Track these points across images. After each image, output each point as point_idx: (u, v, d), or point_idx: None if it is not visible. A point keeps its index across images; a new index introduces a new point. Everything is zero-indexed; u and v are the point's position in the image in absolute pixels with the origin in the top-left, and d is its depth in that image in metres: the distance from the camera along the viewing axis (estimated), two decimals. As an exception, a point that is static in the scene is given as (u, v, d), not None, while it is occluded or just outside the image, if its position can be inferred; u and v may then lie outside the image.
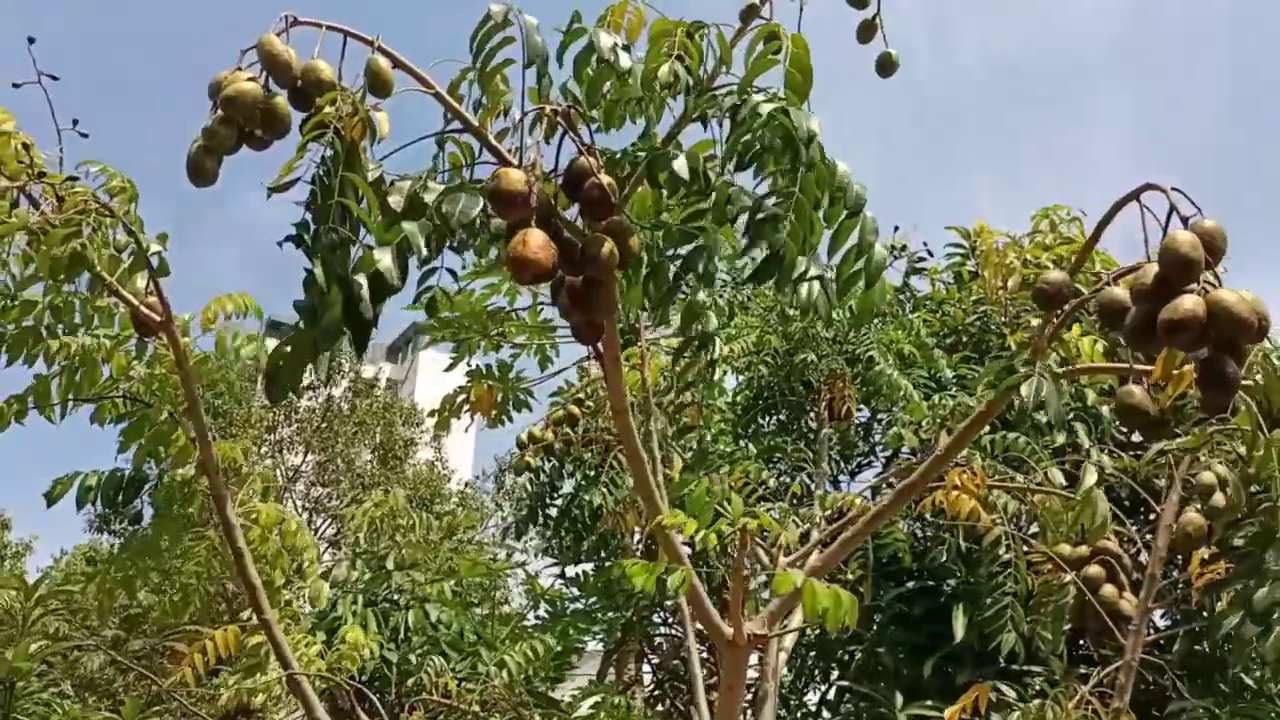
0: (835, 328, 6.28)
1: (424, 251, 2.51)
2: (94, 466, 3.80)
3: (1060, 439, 6.81)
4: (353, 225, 2.48)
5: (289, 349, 2.57)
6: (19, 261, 3.30)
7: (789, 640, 5.43)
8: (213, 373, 3.90)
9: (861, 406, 7.28)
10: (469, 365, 5.05)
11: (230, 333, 3.59)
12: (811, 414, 6.79)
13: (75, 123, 3.32)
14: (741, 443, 6.10)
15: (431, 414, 5.40)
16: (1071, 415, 7.12)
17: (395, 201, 2.59)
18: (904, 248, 7.17)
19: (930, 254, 7.32)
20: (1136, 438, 7.54)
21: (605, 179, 2.38)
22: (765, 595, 4.94)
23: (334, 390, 21.60)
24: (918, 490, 3.25)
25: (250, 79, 2.42)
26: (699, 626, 4.53)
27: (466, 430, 5.59)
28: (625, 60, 2.55)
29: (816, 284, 2.75)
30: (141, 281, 3.33)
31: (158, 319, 3.31)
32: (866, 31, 2.87)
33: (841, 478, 7.90)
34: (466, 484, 24.10)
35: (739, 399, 6.46)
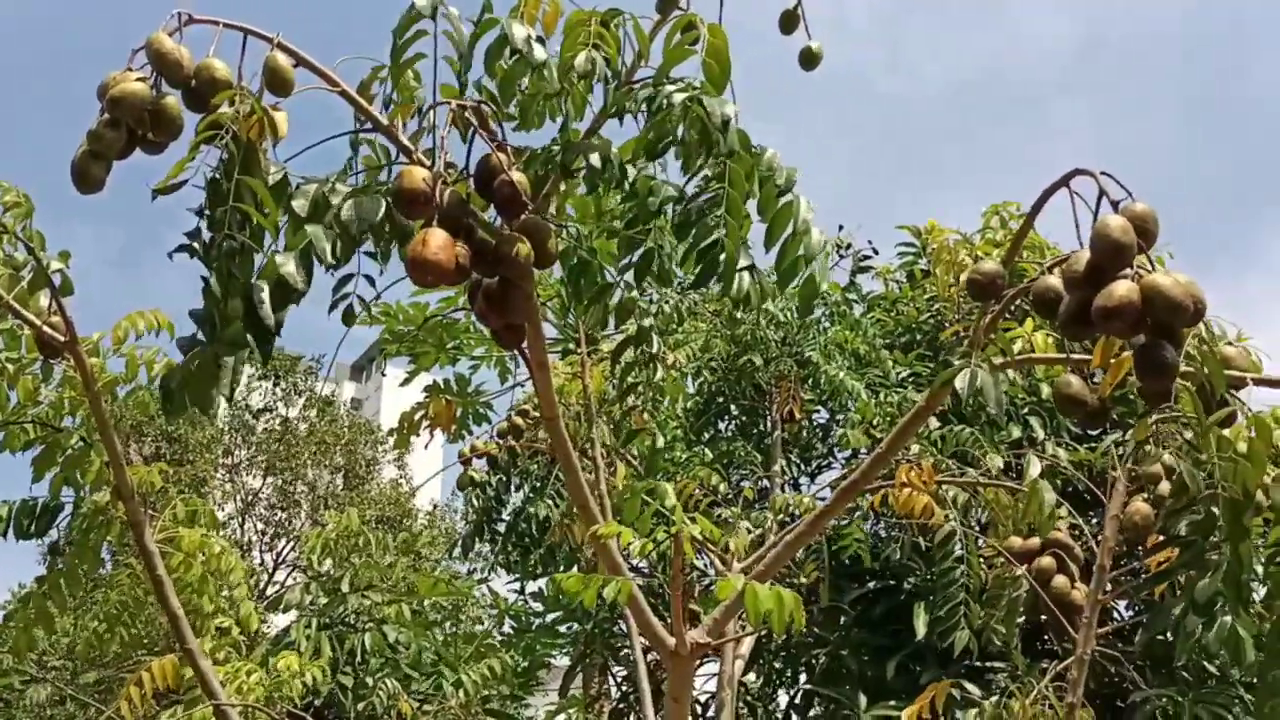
0: (784, 329, 6.21)
1: (329, 257, 2.40)
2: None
3: (1016, 432, 6.80)
4: (255, 231, 2.35)
5: (194, 365, 2.44)
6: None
7: (746, 647, 5.34)
8: (143, 396, 3.74)
9: (819, 408, 7.23)
10: (433, 380, 4.94)
11: (142, 352, 3.43)
12: (765, 417, 6.71)
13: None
14: (695, 449, 6.01)
15: (391, 432, 5.26)
16: (1026, 410, 7.12)
17: (300, 205, 2.47)
18: (849, 246, 7.13)
19: (876, 251, 7.29)
20: (1094, 429, 7.57)
21: (516, 176, 2.27)
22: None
23: (290, 410, 21.25)
24: (860, 488, 3.17)
25: (140, 79, 2.28)
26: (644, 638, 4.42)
27: (426, 447, 5.46)
28: (540, 53, 2.45)
29: (746, 274, 2.66)
30: (45, 300, 3.17)
31: (62, 339, 3.15)
32: (788, 22, 2.78)
33: (802, 480, 7.84)
34: (435, 504, 23.81)
35: (689, 405, 6.37)
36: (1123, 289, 2.07)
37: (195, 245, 2.30)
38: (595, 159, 2.35)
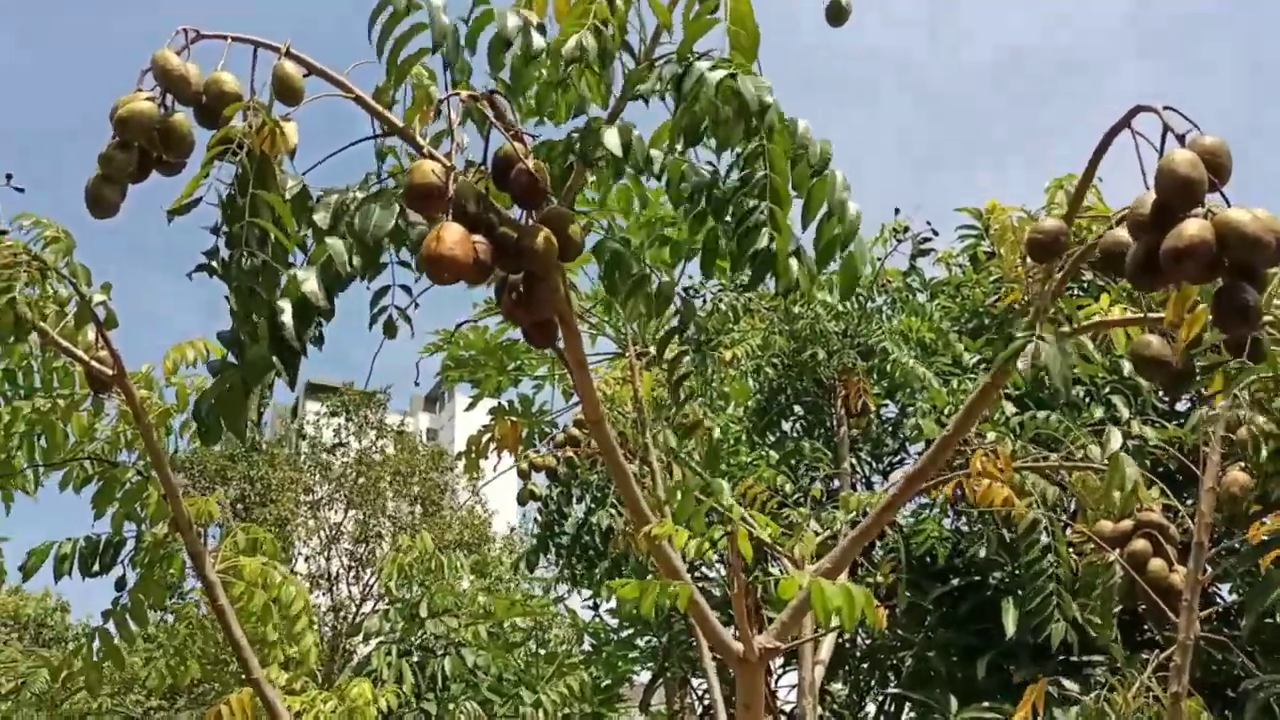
0: (844, 320, 6.02)
1: (352, 269, 2.33)
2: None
3: (1099, 413, 6.49)
4: (275, 247, 2.30)
5: (224, 390, 2.40)
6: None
7: (825, 652, 5.14)
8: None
9: (886, 401, 7.00)
10: (498, 403, 4.91)
11: (191, 381, 3.43)
12: (831, 413, 6.51)
13: (9, 177, 3.20)
14: (760, 449, 5.84)
15: (459, 457, 5.24)
16: (1109, 389, 6.79)
17: (321, 218, 2.41)
18: (906, 229, 6.90)
19: (935, 233, 7.05)
20: (1183, 405, 7.20)
21: (533, 163, 2.17)
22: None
23: (362, 441, 21.58)
24: (928, 476, 3.00)
25: (149, 98, 2.25)
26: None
27: (495, 469, 5.43)
28: (539, 41, 2.34)
29: (794, 260, 2.52)
30: (92, 334, 3.18)
31: (110, 373, 3.15)
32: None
33: (874, 477, 7.61)
34: (511, 527, 23.90)
35: (750, 404, 6.21)
36: (1194, 227, 1.88)
37: (214, 264, 2.26)
38: (616, 146, 2.24)
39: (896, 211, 6.96)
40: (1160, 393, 6.42)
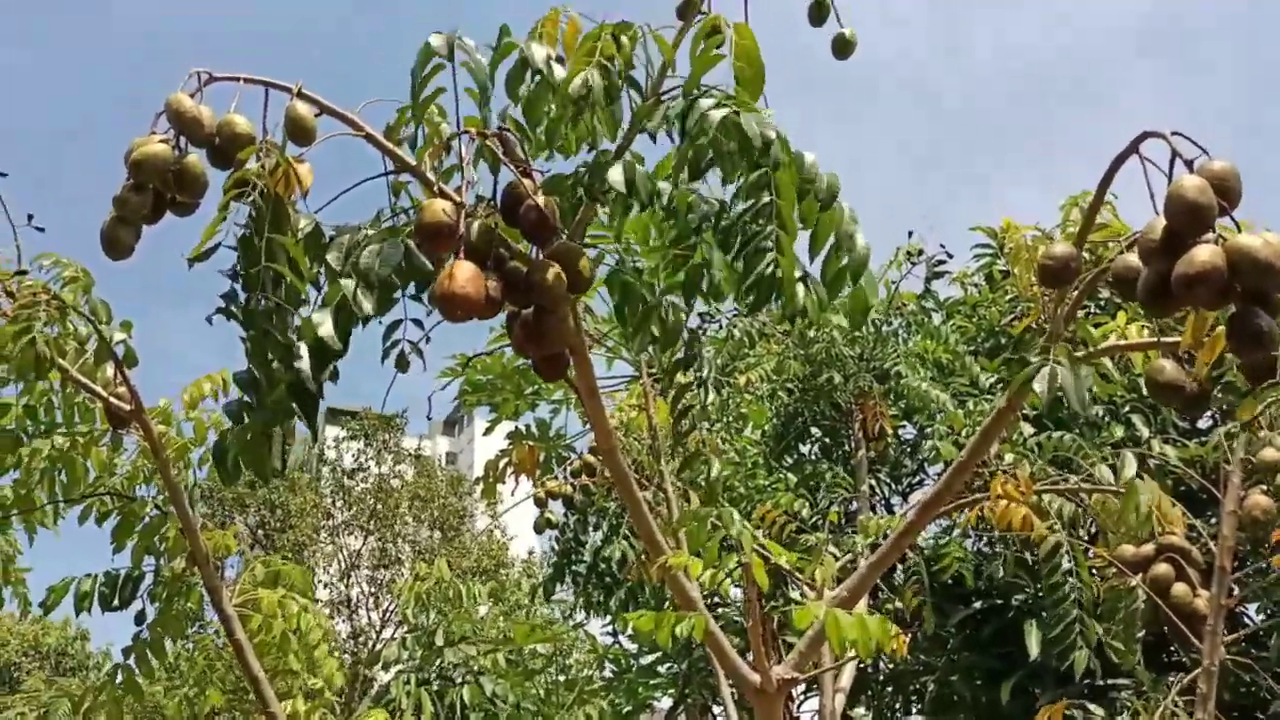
0: (859, 343, 6.01)
1: (368, 309, 2.35)
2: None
3: (1119, 432, 6.43)
4: (290, 289, 2.32)
5: (246, 436, 2.42)
6: (-8, 363, 3.21)
7: (846, 680, 5.10)
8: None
9: (904, 423, 6.97)
10: (515, 428, 4.93)
11: (208, 416, 3.46)
12: (849, 437, 6.49)
13: (30, 218, 3.25)
14: (777, 474, 5.82)
15: (476, 481, 5.25)
16: (1128, 408, 6.74)
17: (334, 258, 2.43)
18: (920, 252, 6.89)
19: (950, 255, 7.03)
20: (1204, 423, 7.13)
21: (542, 200, 2.19)
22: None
23: (382, 468, 21.64)
24: (945, 501, 2.98)
25: (163, 141, 2.28)
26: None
27: (513, 493, 5.45)
28: (560, 72, 2.38)
29: (800, 286, 2.52)
30: (111, 371, 3.21)
31: (128, 409, 3.18)
32: (819, 11, 2.66)
33: (893, 500, 7.56)
34: (531, 552, 23.87)
35: (767, 428, 6.19)
36: (1205, 253, 1.87)
37: (231, 308, 2.28)
38: (620, 181, 2.25)
39: (910, 234, 6.95)
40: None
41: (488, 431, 5.48)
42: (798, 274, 2.55)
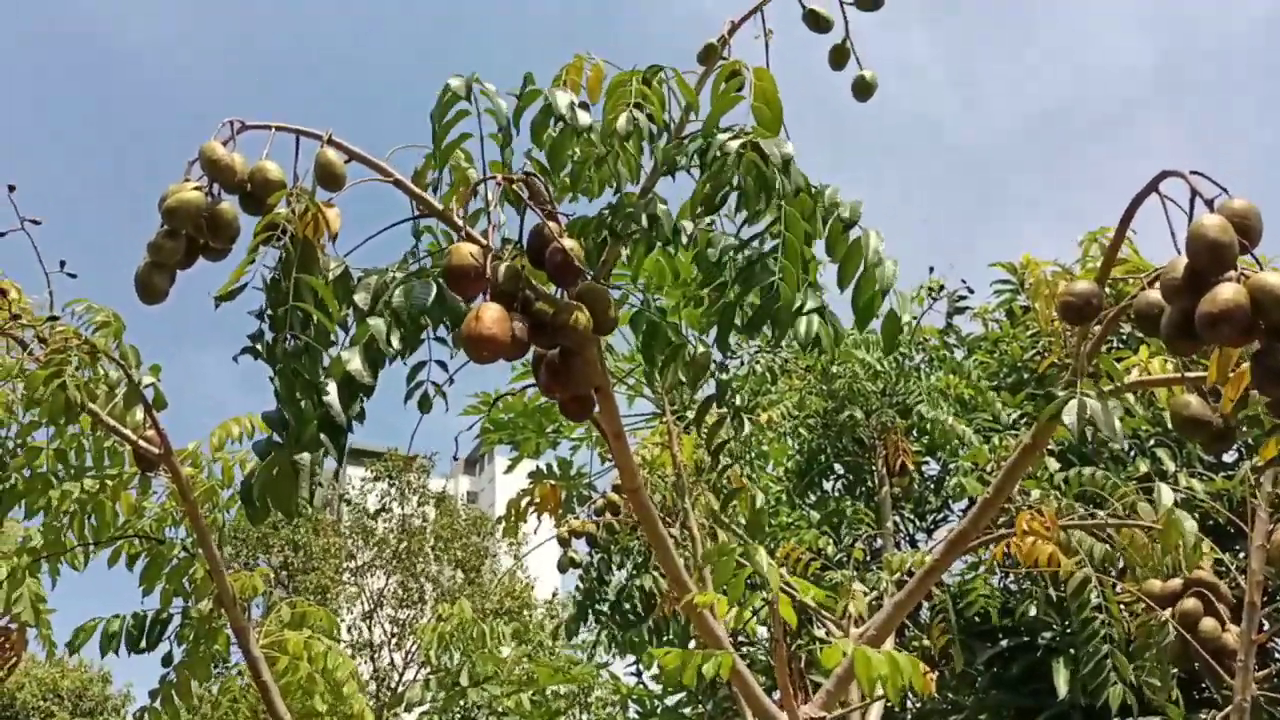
0: (882, 379, 6.00)
1: (394, 348, 2.38)
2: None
3: (1144, 467, 6.37)
4: (318, 329, 2.36)
5: (273, 472, 2.45)
6: (23, 405, 3.27)
7: (874, 718, 5.03)
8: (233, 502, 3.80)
9: (927, 459, 6.94)
10: (537, 466, 4.95)
11: (235, 457, 3.49)
12: (872, 473, 6.46)
13: (63, 264, 3.31)
14: (800, 511, 5.80)
15: (499, 521, 5.26)
16: (1153, 441, 6.67)
17: (362, 299, 2.48)
18: (941, 288, 6.89)
19: (971, 290, 7.03)
20: (1230, 456, 7.05)
21: (568, 243, 2.22)
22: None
23: (405, 508, 21.63)
24: (971, 538, 2.97)
25: (196, 188, 2.34)
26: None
27: (535, 532, 5.45)
28: (585, 118, 2.42)
29: (815, 317, 2.54)
30: (140, 414, 3.26)
31: (157, 452, 3.22)
32: (838, 57, 2.71)
33: (918, 536, 7.50)
34: (555, 591, 23.70)
35: (790, 465, 6.18)
36: (1228, 292, 1.88)
37: (259, 347, 2.32)
38: (643, 220, 2.29)
39: (931, 270, 6.97)
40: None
41: (509, 470, 5.49)
42: (811, 304, 2.57)
